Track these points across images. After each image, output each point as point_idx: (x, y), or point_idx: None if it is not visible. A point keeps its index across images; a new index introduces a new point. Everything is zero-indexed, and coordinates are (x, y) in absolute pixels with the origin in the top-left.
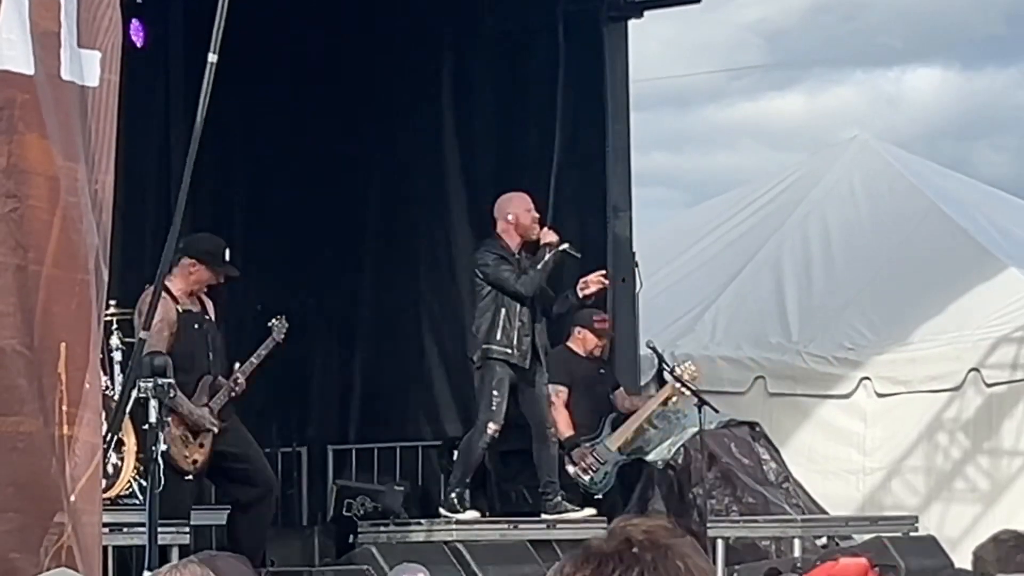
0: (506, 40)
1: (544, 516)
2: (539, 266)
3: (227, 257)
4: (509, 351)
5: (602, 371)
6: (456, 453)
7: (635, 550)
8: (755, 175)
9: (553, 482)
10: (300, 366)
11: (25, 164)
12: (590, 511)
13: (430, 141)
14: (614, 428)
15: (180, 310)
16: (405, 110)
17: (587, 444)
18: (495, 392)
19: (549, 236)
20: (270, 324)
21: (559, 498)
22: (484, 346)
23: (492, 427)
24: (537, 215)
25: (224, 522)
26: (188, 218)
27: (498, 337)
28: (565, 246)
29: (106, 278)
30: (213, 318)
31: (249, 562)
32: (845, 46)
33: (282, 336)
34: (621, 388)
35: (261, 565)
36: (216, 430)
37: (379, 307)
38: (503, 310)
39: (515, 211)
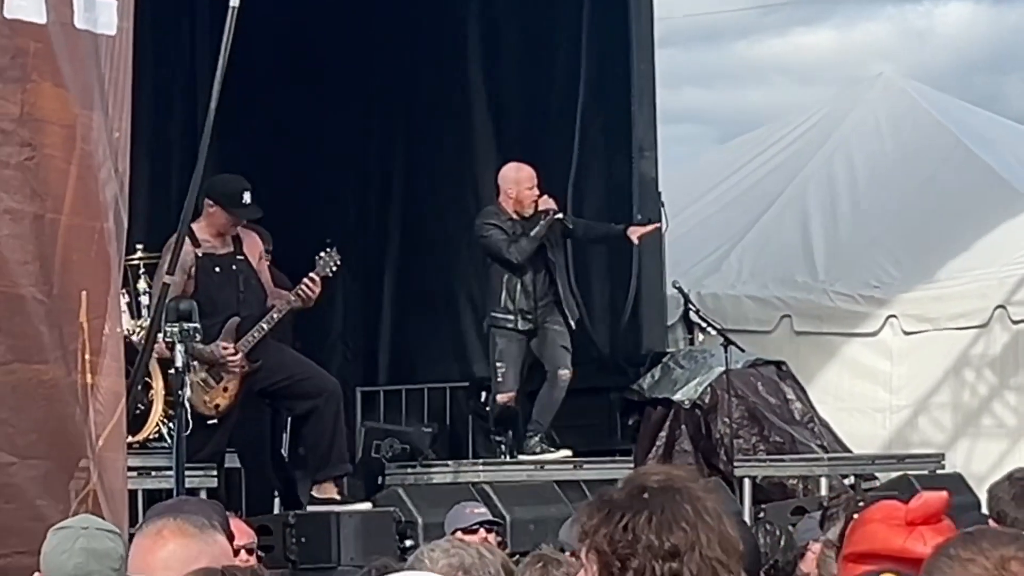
0: None
1: (520, 456)
2: (532, 233)
3: (246, 199)
4: (511, 317)
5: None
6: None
7: (645, 496)
8: (785, 110)
9: (540, 423)
10: (328, 309)
11: (40, 113)
12: (566, 452)
13: (456, 83)
14: None
15: (199, 254)
16: (431, 51)
17: None
18: (499, 363)
19: (547, 204)
20: (317, 256)
21: (537, 439)
22: (490, 314)
23: (501, 398)
24: (537, 192)
25: None
26: (214, 161)
27: (501, 304)
28: (559, 215)
29: (125, 225)
30: (254, 256)
31: (217, 505)
32: None
33: (329, 269)
34: None
35: (342, 465)
36: (236, 366)
37: (406, 249)
38: (505, 276)
39: (518, 187)
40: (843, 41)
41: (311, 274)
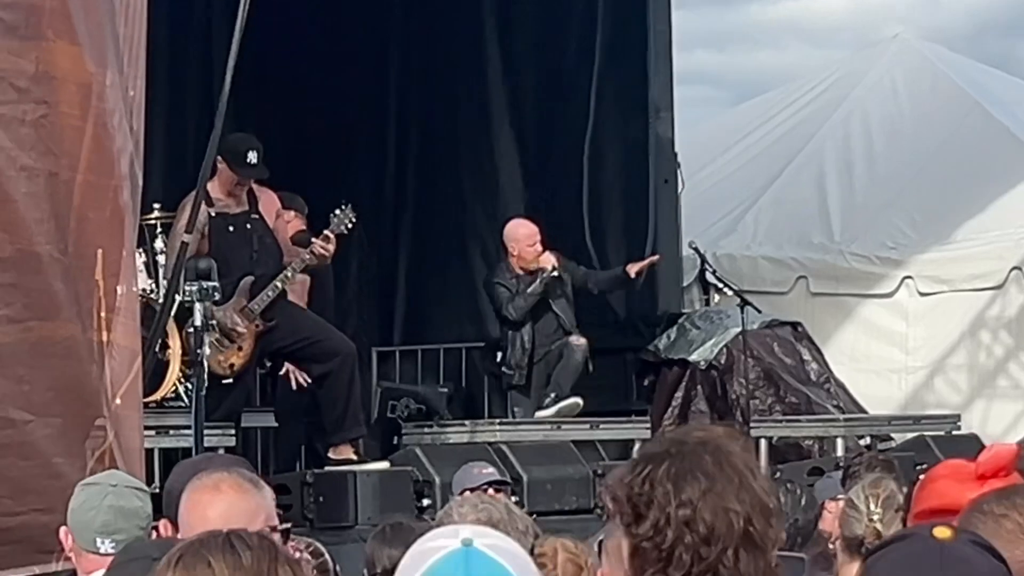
0: None
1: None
2: (528, 290)
3: (251, 159)
4: (510, 372)
5: None
6: None
7: (673, 450)
8: (799, 73)
9: (560, 386)
10: (343, 269)
11: (55, 71)
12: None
13: (472, 44)
14: None
15: (213, 213)
16: (447, 13)
17: None
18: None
19: (547, 260)
20: (332, 214)
21: (552, 397)
22: (501, 369)
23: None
24: (539, 248)
25: (274, 424)
26: (230, 121)
27: (505, 360)
28: (555, 273)
29: (140, 183)
30: (269, 215)
31: (244, 461)
32: None
33: (344, 227)
34: None
35: (357, 427)
36: (244, 331)
37: (421, 210)
38: (508, 332)
39: (519, 245)
40: (857, 3)
41: (325, 232)
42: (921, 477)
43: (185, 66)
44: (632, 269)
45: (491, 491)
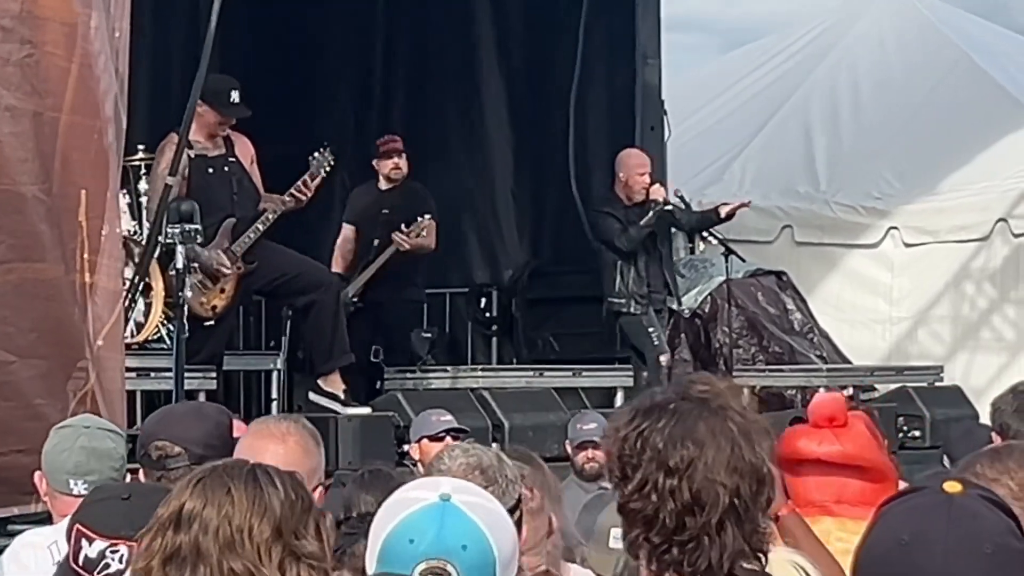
0: None
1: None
2: (641, 223)
3: (234, 98)
4: (623, 301)
5: (385, 211)
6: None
7: (672, 406)
8: (788, 20)
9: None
10: (326, 215)
11: (40, 11)
12: None
13: None
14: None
15: (192, 155)
16: None
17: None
18: (653, 331)
19: (657, 193)
20: (311, 157)
21: None
22: (607, 299)
23: (663, 359)
24: (647, 180)
25: (255, 367)
26: (214, 65)
27: (616, 288)
28: (668, 206)
29: (124, 125)
30: (245, 159)
31: (221, 408)
32: None
33: (323, 170)
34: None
35: (344, 356)
36: (229, 272)
37: (407, 156)
38: (618, 262)
39: (628, 173)
40: None
41: (305, 176)
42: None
43: (169, 7)
44: (724, 210)
45: (448, 439)
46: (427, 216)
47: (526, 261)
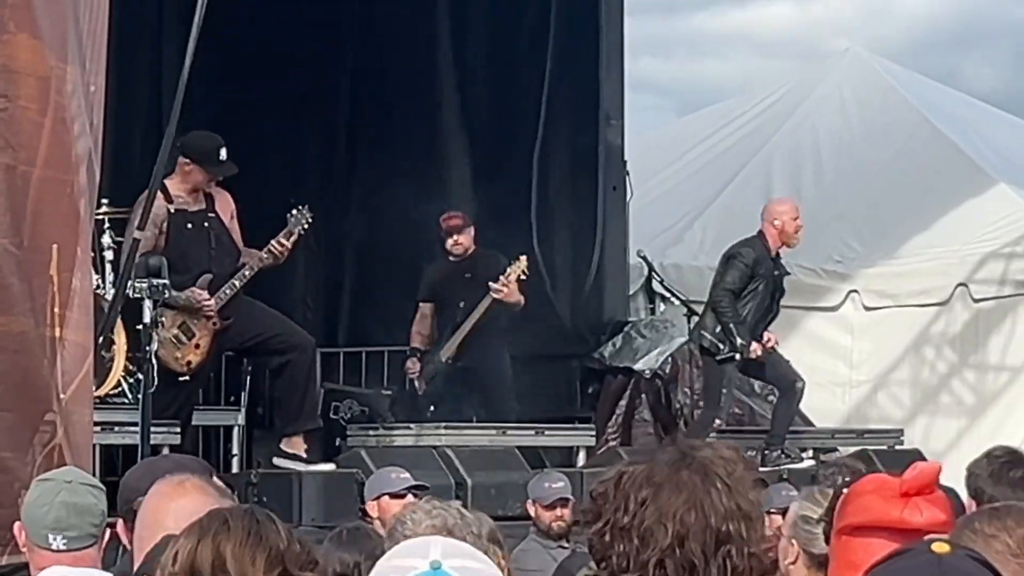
0: None
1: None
2: (738, 337)
3: (223, 156)
4: (722, 346)
5: (467, 275)
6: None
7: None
8: (744, 82)
9: (779, 436)
10: (291, 269)
11: (15, 64)
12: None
13: (424, 51)
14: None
15: (172, 209)
16: (400, 21)
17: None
18: (724, 391)
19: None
20: (289, 214)
21: (779, 452)
22: (702, 333)
23: (718, 422)
24: (802, 224)
25: (215, 422)
26: (181, 118)
27: (716, 331)
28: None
29: (98, 179)
30: (225, 214)
31: (202, 461)
32: None
33: (301, 228)
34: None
35: (312, 420)
36: (210, 306)
37: (369, 212)
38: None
39: (783, 218)
40: (803, 14)
41: (282, 233)
42: (844, 492)
43: (134, 60)
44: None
45: (410, 496)
46: (523, 257)
47: None
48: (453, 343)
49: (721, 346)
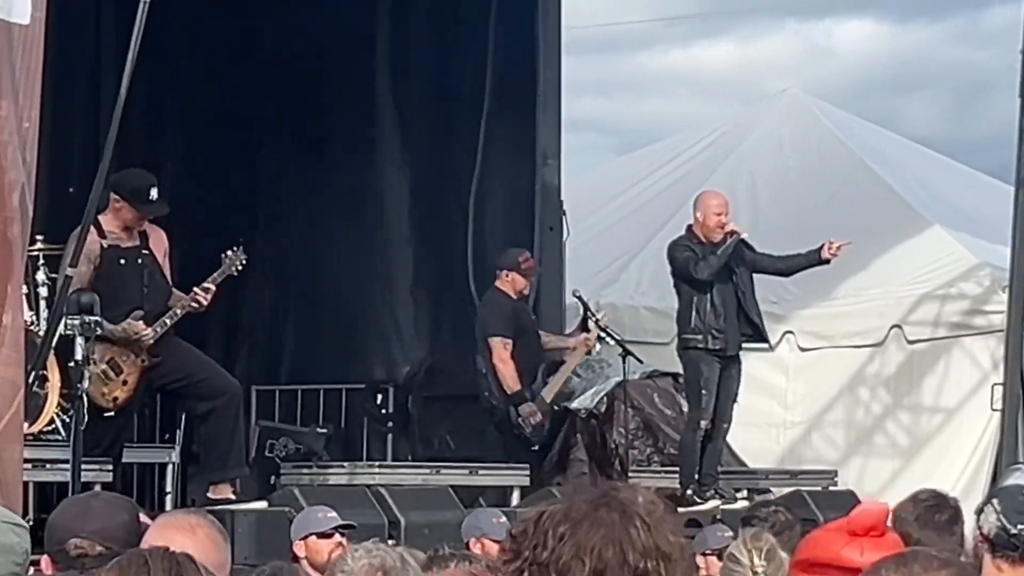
0: None
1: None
2: (719, 252)
3: (153, 195)
4: (700, 336)
5: (532, 316)
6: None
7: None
8: (685, 122)
9: (712, 475)
10: (228, 307)
11: None
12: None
13: (363, 88)
14: (545, 377)
15: (105, 245)
16: (339, 56)
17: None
18: (704, 391)
19: (731, 227)
20: (224, 255)
21: (713, 491)
22: (681, 336)
23: (703, 423)
24: (724, 220)
25: (149, 459)
26: (118, 153)
27: (691, 324)
28: (744, 235)
29: (31, 216)
30: (159, 252)
31: (131, 501)
32: None
33: (235, 269)
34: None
35: (238, 468)
36: (148, 336)
37: (310, 250)
38: (694, 296)
39: (706, 211)
40: (745, 55)
41: (213, 276)
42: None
43: (69, 97)
44: (830, 249)
45: (337, 536)
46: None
47: (423, 358)
48: (555, 385)
49: (697, 337)
